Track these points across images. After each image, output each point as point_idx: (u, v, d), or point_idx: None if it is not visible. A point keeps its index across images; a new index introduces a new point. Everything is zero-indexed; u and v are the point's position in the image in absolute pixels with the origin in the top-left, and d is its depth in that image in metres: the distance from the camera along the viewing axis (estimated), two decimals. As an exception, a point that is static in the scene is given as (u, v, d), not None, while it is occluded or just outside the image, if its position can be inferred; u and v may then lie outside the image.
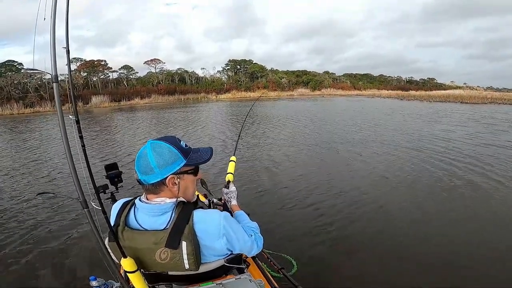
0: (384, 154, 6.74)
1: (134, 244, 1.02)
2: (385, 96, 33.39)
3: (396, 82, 55.61)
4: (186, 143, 1.11)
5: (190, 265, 0.99)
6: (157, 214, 1.03)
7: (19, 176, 5.93)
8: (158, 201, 1.04)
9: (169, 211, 1.02)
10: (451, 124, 11.31)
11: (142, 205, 1.05)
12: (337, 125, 11.56)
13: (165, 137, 1.07)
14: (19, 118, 21.18)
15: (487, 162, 5.70)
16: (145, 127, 13.27)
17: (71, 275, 2.62)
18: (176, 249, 0.97)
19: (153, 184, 1.02)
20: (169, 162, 1.01)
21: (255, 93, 39.91)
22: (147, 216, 1.04)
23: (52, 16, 0.80)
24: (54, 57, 0.82)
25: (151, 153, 1.01)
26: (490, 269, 2.52)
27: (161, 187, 1.03)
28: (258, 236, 1.18)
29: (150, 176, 1.01)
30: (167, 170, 1.01)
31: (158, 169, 1.00)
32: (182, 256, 0.98)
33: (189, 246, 0.97)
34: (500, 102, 22.31)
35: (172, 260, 0.98)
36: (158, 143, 1.03)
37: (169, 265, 1.00)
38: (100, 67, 37.90)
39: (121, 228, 1.04)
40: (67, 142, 0.92)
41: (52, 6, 0.79)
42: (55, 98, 0.85)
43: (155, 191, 1.04)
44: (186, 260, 0.98)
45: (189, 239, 0.97)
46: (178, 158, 1.03)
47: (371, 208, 3.84)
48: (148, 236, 1.01)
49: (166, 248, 0.98)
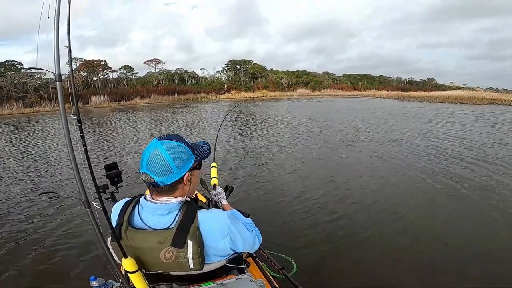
0: (386, 154, 6.75)
1: (138, 243, 1.01)
2: (385, 97, 33.40)
3: (396, 82, 55.61)
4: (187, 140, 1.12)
5: (194, 264, 0.99)
6: (163, 213, 1.02)
7: (20, 175, 5.93)
8: (164, 201, 1.04)
9: (175, 210, 1.02)
10: (463, 124, 11.40)
11: (148, 204, 1.05)
12: (334, 123, 11.58)
13: (172, 135, 1.06)
14: (19, 117, 21.17)
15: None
16: (145, 127, 13.26)
17: (71, 275, 2.62)
18: (182, 249, 0.97)
19: (171, 184, 1.01)
20: (184, 160, 1.02)
21: (255, 93, 39.92)
22: (152, 215, 1.04)
23: (56, 15, 0.80)
24: (57, 56, 0.82)
25: (167, 153, 0.99)
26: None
27: (177, 186, 1.03)
28: (256, 230, 1.19)
29: (169, 177, 1.00)
30: (184, 168, 1.02)
31: (176, 169, 1.00)
32: (187, 256, 0.98)
33: (195, 245, 0.97)
34: (500, 103, 22.33)
35: (177, 259, 0.98)
36: (170, 143, 1.01)
37: (173, 265, 1.00)
38: (100, 67, 37.85)
39: (124, 228, 1.04)
40: (70, 142, 0.92)
41: (56, 5, 0.80)
42: (59, 98, 0.85)
43: (172, 190, 1.03)
44: (191, 259, 0.98)
45: (194, 239, 0.97)
46: (190, 155, 1.04)
47: (373, 208, 3.85)
48: (153, 235, 1.00)
49: (171, 247, 0.97)
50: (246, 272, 1.29)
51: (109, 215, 1.07)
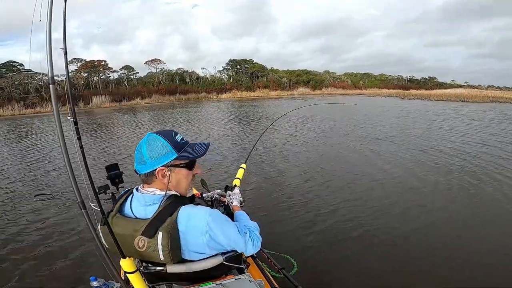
0: (385, 153, 6.73)
1: (119, 230, 1.06)
2: (386, 95, 33.37)
3: (396, 81, 55.43)
4: (184, 138, 1.15)
5: (164, 256, 1.00)
6: (147, 204, 1.07)
7: (16, 177, 5.91)
8: (149, 191, 1.09)
9: (157, 202, 1.06)
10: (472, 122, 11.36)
11: (137, 194, 1.12)
12: (336, 124, 11.55)
13: (162, 131, 1.12)
14: (20, 118, 21.24)
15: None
16: (146, 127, 13.27)
17: (71, 276, 2.62)
18: (152, 239, 1.00)
19: (146, 174, 1.10)
20: (159, 155, 1.06)
21: (255, 93, 39.93)
22: (139, 205, 1.09)
23: (48, 16, 0.80)
24: (50, 58, 0.82)
25: (145, 145, 1.09)
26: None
27: (152, 178, 1.09)
28: (254, 235, 1.18)
29: (142, 167, 1.09)
30: (157, 162, 1.07)
31: (149, 161, 1.07)
32: (157, 247, 0.99)
33: (165, 237, 0.99)
34: (502, 101, 22.27)
35: (149, 249, 1.01)
36: (153, 136, 1.09)
37: (145, 254, 1.03)
38: (101, 67, 37.93)
39: (112, 214, 1.10)
40: (64, 143, 0.92)
41: (48, 6, 0.80)
42: (52, 100, 0.85)
43: (148, 181, 1.11)
44: (161, 251, 1.00)
45: (166, 231, 0.99)
46: (169, 151, 1.07)
47: (375, 208, 3.82)
48: (131, 223, 1.05)
49: (143, 236, 1.01)
50: (246, 272, 1.30)
51: (106, 216, 1.08)
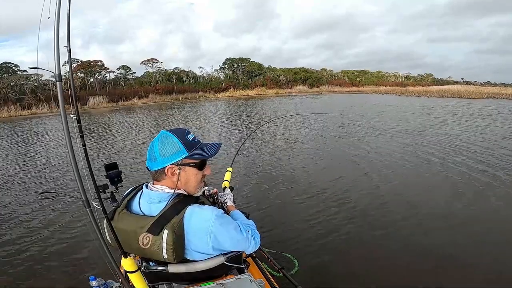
0: (388, 153, 6.75)
1: (123, 225, 1.06)
2: (383, 92, 33.51)
3: (393, 78, 55.56)
4: (196, 137, 1.15)
5: (168, 255, 1.00)
6: (155, 201, 1.08)
7: (21, 175, 5.93)
8: (158, 189, 1.10)
9: (165, 200, 1.07)
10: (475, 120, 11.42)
11: (146, 190, 1.12)
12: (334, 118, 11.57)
13: (175, 129, 1.13)
14: (17, 120, 21.08)
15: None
16: (144, 126, 13.23)
17: (71, 275, 2.62)
18: (157, 236, 1.00)
19: (156, 171, 1.10)
20: (170, 153, 1.07)
21: (253, 91, 39.86)
22: (147, 202, 1.10)
23: (56, 14, 0.80)
24: (57, 55, 0.82)
25: (157, 142, 1.10)
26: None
27: (162, 175, 1.10)
28: (255, 232, 1.19)
29: (153, 163, 1.10)
30: (167, 159, 1.07)
31: (160, 158, 1.08)
32: (161, 245, 0.99)
33: (170, 236, 0.99)
34: (498, 97, 22.44)
35: (152, 247, 1.01)
36: (166, 134, 1.10)
37: (149, 252, 1.02)
38: (97, 68, 37.65)
39: (119, 210, 1.10)
40: (70, 141, 0.92)
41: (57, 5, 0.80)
42: (59, 97, 0.85)
43: (158, 177, 1.12)
44: (165, 249, 0.99)
45: (172, 229, 0.99)
46: (180, 150, 1.08)
47: (375, 208, 3.80)
48: (137, 219, 1.05)
49: (148, 233, 1.01)
50: (246, 272, 1.30)
51: (108, 215, 1.08)
